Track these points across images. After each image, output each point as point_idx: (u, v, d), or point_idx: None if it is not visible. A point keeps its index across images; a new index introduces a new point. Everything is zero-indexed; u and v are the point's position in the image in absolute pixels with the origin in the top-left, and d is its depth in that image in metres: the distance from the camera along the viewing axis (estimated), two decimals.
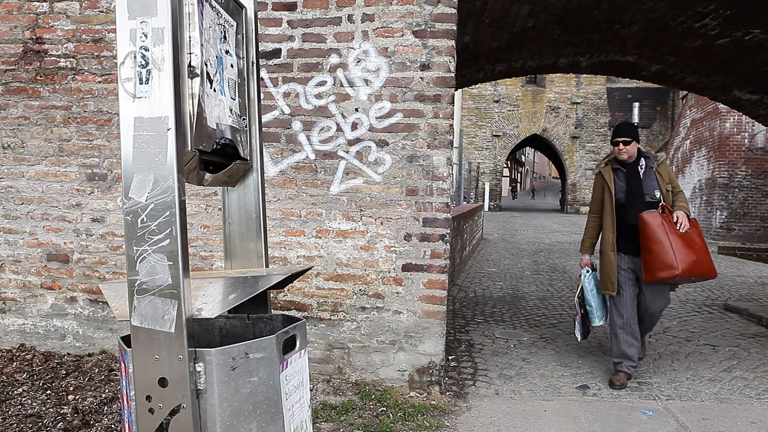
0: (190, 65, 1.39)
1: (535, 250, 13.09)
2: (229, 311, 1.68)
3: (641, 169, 4.03)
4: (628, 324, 4.03)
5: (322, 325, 3.79)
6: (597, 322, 4.22)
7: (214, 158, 1.56)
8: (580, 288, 4.29)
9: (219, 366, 1.28)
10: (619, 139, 4.01)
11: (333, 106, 3.75)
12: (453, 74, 3.65)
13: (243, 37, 1.73)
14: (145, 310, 1.27)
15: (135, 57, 1.27)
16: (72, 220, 4.01)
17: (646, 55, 6.79)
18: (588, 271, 4.24)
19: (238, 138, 1.67)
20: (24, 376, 3.62)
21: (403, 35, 3.65)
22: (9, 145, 4.05)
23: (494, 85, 28.91)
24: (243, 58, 1.73)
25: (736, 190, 15.39)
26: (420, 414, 3.36)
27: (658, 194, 4.00)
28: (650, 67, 7.25)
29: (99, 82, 3.95)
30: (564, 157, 29.47)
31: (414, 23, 3.63)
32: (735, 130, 15.32)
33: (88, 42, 3.95)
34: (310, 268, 1.50)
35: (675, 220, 3.87)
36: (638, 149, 4.09)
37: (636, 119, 25.79)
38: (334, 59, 3.72)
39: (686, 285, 8.40)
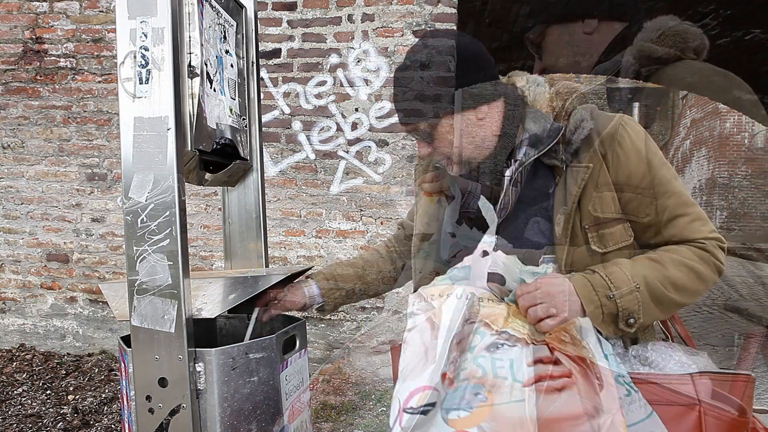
0: (190, 65, 1.39)
1: None
2: (229, 311, 1.68)
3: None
4: None
5: (322, 325, 3.79)
6: None
7: (214, 158, 1.56)
8: None
9: (219, 366, 1.28)
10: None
11: (333, 106, 3.74)
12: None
13: (243, 37, 1.73)
14: (145, 310, 1.27)
15: (135, 57, 1.27)
16: (72, 220, 4.01)
17: None
18: None
19: (238, 138, 1.67)
20: (24, 376, 3.62)
21: (403, 35, 3.65)
22: (9, 145, 4.04)
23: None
24: (243, 58, 1.73)
25: (736, 190, 15.39)
26: None
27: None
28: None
29: (99, 82, 3.95)
30: None
31: (414, 23, 3.63)
32: (735, 130, 15.32)
33: (88, 42, 3.94)
34: (310, 268, 1.50)
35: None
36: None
37: (636, 118, 25.79)
38: (334, 59, 3.72)
39: None
